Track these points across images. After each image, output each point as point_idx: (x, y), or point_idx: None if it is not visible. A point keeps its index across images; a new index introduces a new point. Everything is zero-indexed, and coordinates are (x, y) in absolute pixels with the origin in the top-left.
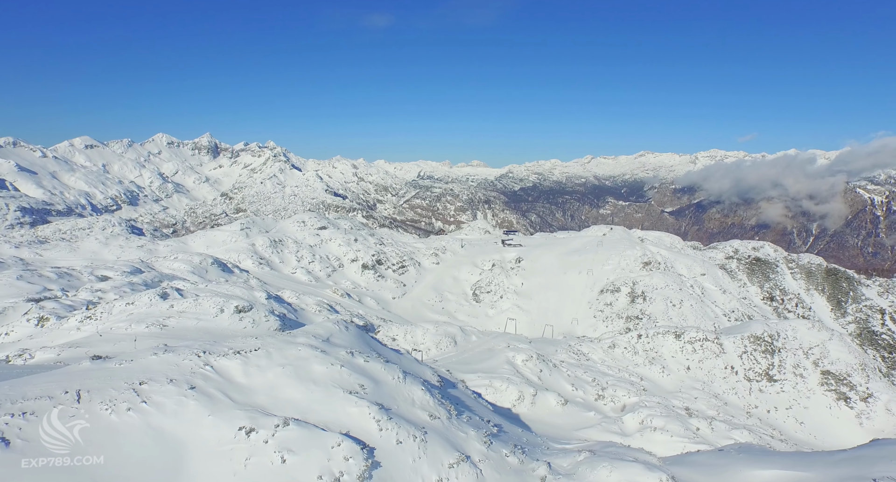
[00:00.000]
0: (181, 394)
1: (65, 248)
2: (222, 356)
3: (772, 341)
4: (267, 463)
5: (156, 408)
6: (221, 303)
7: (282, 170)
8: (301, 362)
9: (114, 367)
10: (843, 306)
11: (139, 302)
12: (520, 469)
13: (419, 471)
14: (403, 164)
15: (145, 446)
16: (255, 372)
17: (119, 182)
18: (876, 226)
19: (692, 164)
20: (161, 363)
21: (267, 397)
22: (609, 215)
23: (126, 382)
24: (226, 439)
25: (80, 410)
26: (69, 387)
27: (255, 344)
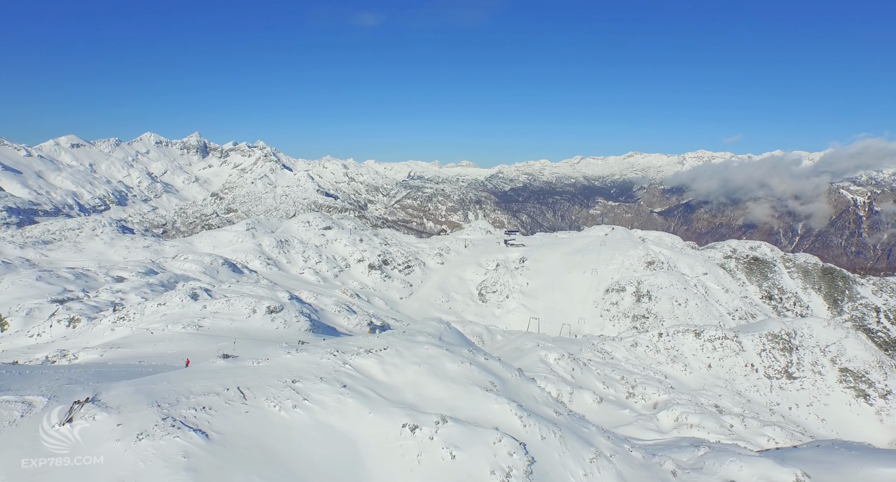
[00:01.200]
0: (337, 393)
1: (70, 249)
2: (356, 355)
3: (789, 339)
4: (438, 459)
5: (319, 405)
6: (253, 304)
7: (272, 170)
8: (433, 361)
9: (256, 366)
10: (840, 305)
11: (171, 303)
12: (645, 463)
13: (566, 465)
14: (393, 165)
15: (320, 442)
16: (392, 370)
17: (107, 182)
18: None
19: (680, 165)
20: (299, 361)
21: (414, 395)
22: (599, 215)
23: (279, 380)
24: (392, 436)
25: (251, 407)
26: (226, 383)
27: (382, 343)
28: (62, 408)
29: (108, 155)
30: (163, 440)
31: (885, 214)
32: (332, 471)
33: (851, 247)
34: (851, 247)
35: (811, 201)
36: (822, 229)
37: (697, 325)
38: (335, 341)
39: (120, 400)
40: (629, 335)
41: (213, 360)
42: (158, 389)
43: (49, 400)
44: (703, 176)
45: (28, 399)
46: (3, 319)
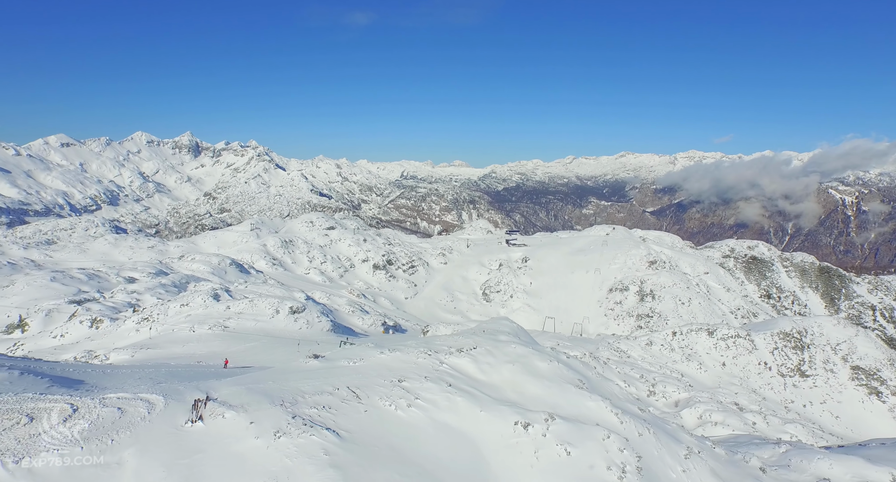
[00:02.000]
0: (445, 392)
1: (74, 250)
2: (449, 354)
3: (800, 337)
4: (554, 455)
5: (431, 404)
6: (276, 305)
7: (266, 169)
8: (524, 359)
9: (353, 365)
10: (837, 303)
11: (193, 303)
12: (729, 459)
13: (664, 461)
14: (386, 164)
15: (441, 441)
16: (488, 369)
17: (98, 181)
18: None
19: (672, 165)
20: (396, 361)
21: (514, 393)
22: (592, 215)
23: (385, 380)
24: (507, 434)
25: (367, 406)
26: (334, 383)
27: (470, 342)
28: (183, 407)
29: (98, 154)
30: (300, 438)
31: (872, 214)
32: (460, 468)
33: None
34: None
35: (801, 201)
36: (811, 228)
37: (710, 324)
38: (423, 341)
39: (238, 399)
40: (643, 334)
41: (305, 360)
42: (269, 389)
43: (165, 398)
44: (695, 176)
45: (145, 397)
46: (24, 320)
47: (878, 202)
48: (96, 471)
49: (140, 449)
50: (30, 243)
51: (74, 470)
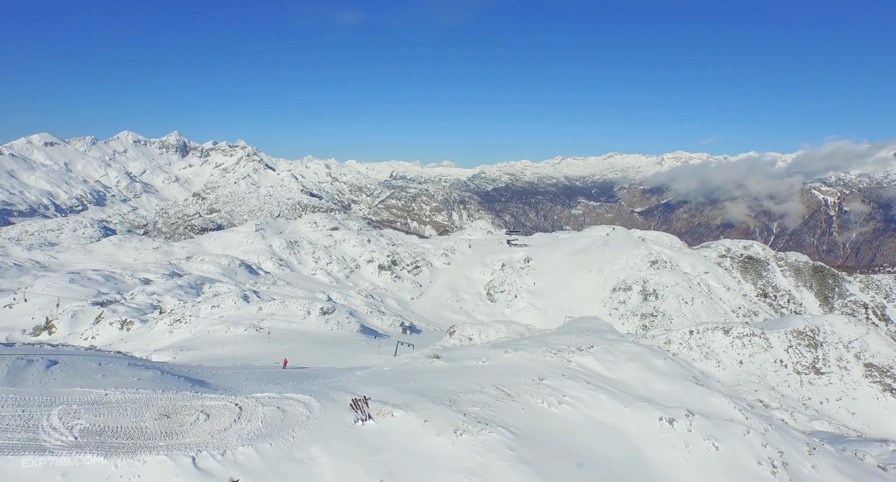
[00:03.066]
0: (586, 389)
1: (79, 251)
2: (572, 353)
3: (813, 336)
4: (704, 450)
5: (578, 401)
6: (307, 306)
7: (255, 169)
8: (642, 357)
9: (483, 365)
10: (831, 302)
11: (224, 304)
12: (842, 456)
13: (793, 456)
14: (375, 164)
15: (598, 435)
16: (612, 367)
17: (84, 181)
18: (830, 225)
19: (659, 166)
20: (525, 361)
21: (644, 389)
22: (581, 215)
23: (525, 378)
24: (654, 428)
25: (519, 403)
26: (479, 382)
27: (585, 341)
28: (336, 406)
29: (83, 154)
30: (481, 435)
31: (854, 214)
32: (623, 461)
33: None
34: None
35: (785, 201)
36: (796, 228)
37: (725, 323)
38: (537, 339)
39: (394, 398)
40: (661, 334)
41: (426, 360)
42: (418, 388)
43: (315, 398)
44: (682, 176)
45: (293, 397)
46: (50, 322)
47: (858, 202)
48: (292, 465)
49: (324, 446)
50: (32, 244)
51: (273, 463)
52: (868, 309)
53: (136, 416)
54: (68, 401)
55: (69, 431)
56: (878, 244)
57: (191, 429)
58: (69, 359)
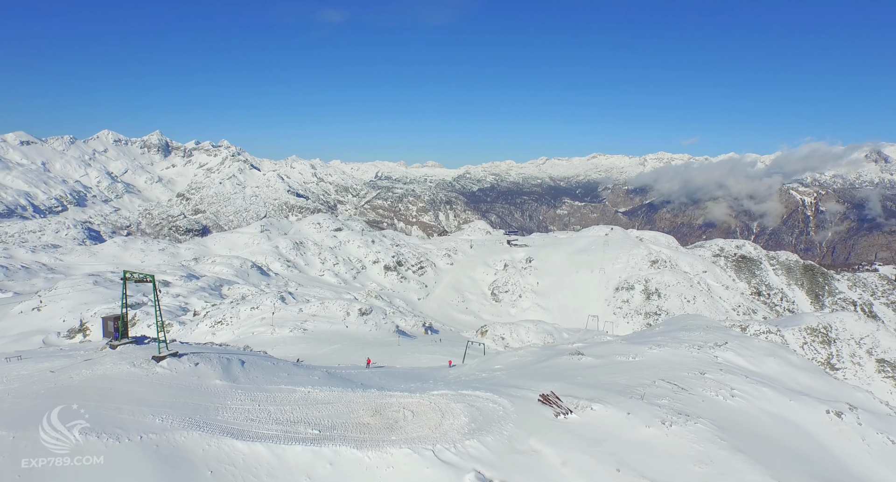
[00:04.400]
0: (749, 383)
1: (84, 253)
2: (712, 348)
3: (826, 333)
4: (881, 443)
5: (746, 394)
6: (346, 307)
7: (241, 170)
8: (778, 351)
9: (634, 361)
10: (821, 299)
11: (263, 306)
12: None
13: None
14: (360, 165)
15: (777, 426)
16: (755, 362)
17: (63, 181)
18: (807, 224)
19: (642, 166)
20: (673, 356)
21: (794, 383)
22: (566, 215)
23: (686, 372)
24: (824, 421)
25: (695, 395)
26: (642, 376)
27: (718, 338)
28: (517, 401)
29: (62, 153)
30: (688, 426)
31: (829, 214)
32: (810, 451)
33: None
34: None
35: (765, 201)
36: (775, 227)
37: (741, 321)
38: (666, 337)
39: (580, 393)
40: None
41: (571, 357)
42: (593, 382)
43: (497, 394)
44: (665, 177)
45: (476, 395)
46: (85, 324)
47: (834, 202)
48: (521, 457)
49: (541, 438)
50: (36, 246)
51: (502, 455)
52: (857, 306)
53: (351, 413)
54: (284, 400)
55: (311, 426)
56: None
57: (407, 425)
58: (250, 359)
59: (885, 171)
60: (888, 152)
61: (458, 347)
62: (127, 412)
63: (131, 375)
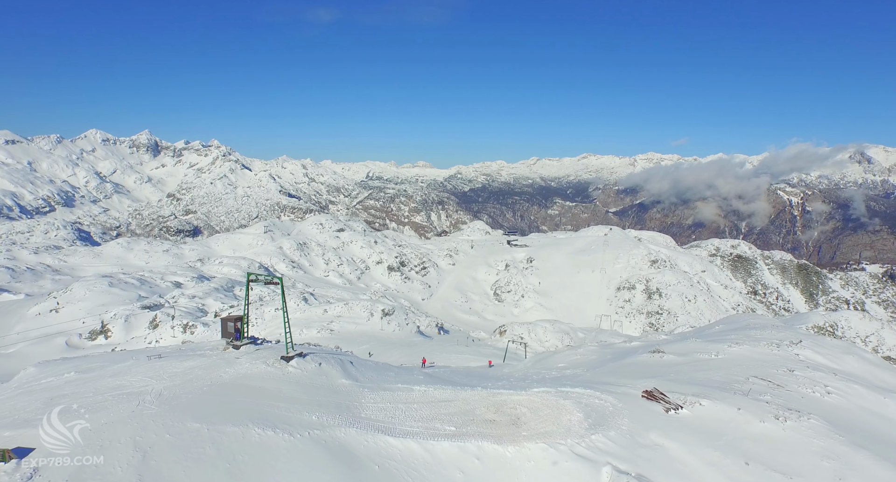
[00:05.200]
0: (839, 380)
1: (88, 254)
2: (789, 346)
3: (833, 331)
4: None
5: (840, 391)
6: (370, 308)
7: (232, 170)
8: (851, 350)
9: (716, 358)
10: (815, 298)
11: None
12: None
13: None
14: (351, 165)
15: (881, 421)
16: (834, 359)
17: (50, 181)
18: (794, 224)
19: (632, 167)
20: (752, 353)
21: (878, 381)
22: (557, 215)
23: (775, 369)
24: None
25: (794, 393)
26: (731, 373)
27: (793, 336)
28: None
29: (49, 153)
30: (802, 422)
31: (815, 214)
32: None
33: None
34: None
35: (753, 201)
36: (763, 227)
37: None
38: (739, 334)
39: (676, 388)
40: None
41: (652, 355)
42: (686, 378)
43: (598, 391)
44: (655, 177)
45: (577, 391)
46: (106, 326)
47: (819, 202)
48: (647, 450)
49: (661, 433)
50: (39, 248)
51: (628, 448)
52: (849, 305)
53: (474, 410)
54: (408, 398)
55: (445, 422)
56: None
57: (530, 421)
58: (354, 359)
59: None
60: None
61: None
62: (284, 409)
63: (270, 374)
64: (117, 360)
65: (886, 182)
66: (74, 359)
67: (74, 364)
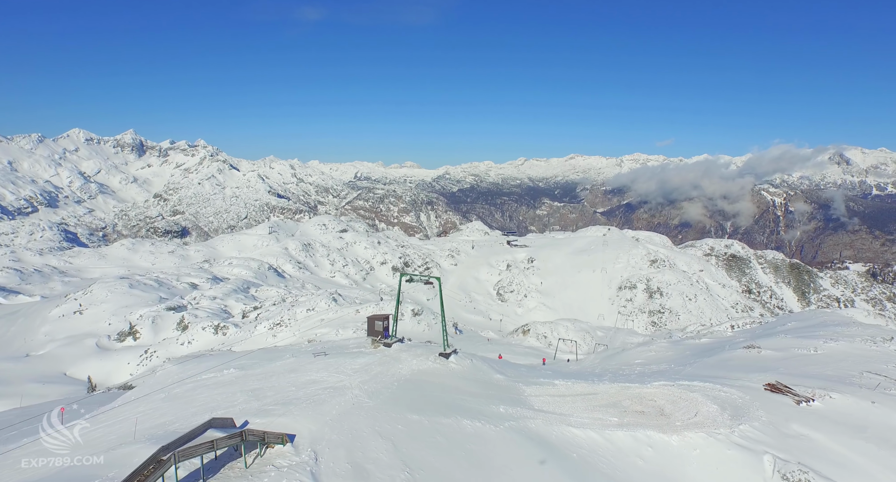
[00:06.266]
0: None
1: (93, 256)
2: (883, 342)
3: None
4: None
5: None
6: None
7: (220, 170)
8: None
9: (813, 354)
10: (807, 296)
11: (318, 307)
12: None
13: None
14: (339, 165)
15: None
16: None
17: (32, 181)
18: (777, 224)
19: (618, 167)
20: (850, 348)
21: None
22: (545, 216)
23: (887, 365)
24: None
25: None
26: (841, 367)
27: (885, 333)
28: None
29: (30, 152)
30: None
31: (798, 213)
32: None
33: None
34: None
35: (738, 201)
36: (747, 227)
37: (760, 317)
38: (828, 330)
39: (802, 382)
40: (705, 329)
41: (748, 350)
42: (799, 372)
43: (718, 385)
44: (642, 177)
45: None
46: (133, 328)
47: (802, 203)
48: (793, 440)
49: (802, 423)
50: (43, 249)
51: (774, 438)
52: (840, 303)
53: (619, 402)
54: (556, 392)
55: (604, 413)
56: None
57: (674, 412)
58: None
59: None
60: (850, 155)
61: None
62: (472, 402)
63: (438, 371)
64: (273, 358)
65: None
66: (195, 358)
67: (208, 362)
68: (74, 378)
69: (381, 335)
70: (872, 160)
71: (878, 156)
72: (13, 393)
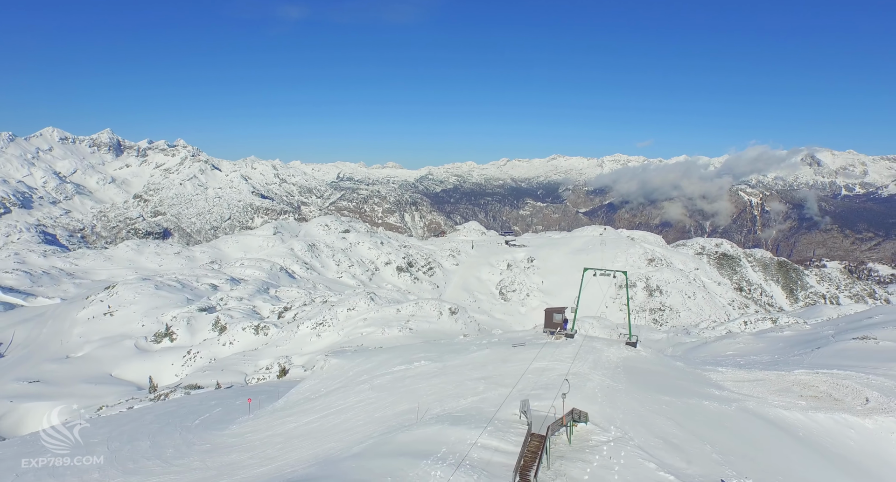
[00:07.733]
0: None
1: (98, 257)
2: None
3: None
4: None
5: None
6: (438, 307)
7: (202, 170)
8: None
9: (879, 345)
10: (795, 294)
11: (359, 307)
12: None
13: None
14: (321, 166)
15: None
16: None
17: (4, 181)
18: (754, 223)
19: (600, 168)
20: None
21: None
22: (528, 216)
23: None
24: None
25: None
26: None
27: None
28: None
29: (1, 151)
30: None
31: (773, 213)
32: None
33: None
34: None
35: (716, 200)
36: (726, 226)
37: (770, 314)
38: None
39: None
40: (720, 326)
41: (863, 341)
42: None
43: (855, 373)
44: (624, 178)
45: (838, 373)
46: (170, 329)
47: (777, 202)
48: None
49: None
50: (47, 251)
51: None
52: (826, 299)
53: (791, 388)
54: (733, 377)
55: (793, 397)
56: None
57: (845, 398)
58: None
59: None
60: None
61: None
62: (687, 385)
63: (636, 358)
64: (457, 351)
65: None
66: (360, 353)
67: (378, 357)
68: (121, 379)
69: (560, 327)
70: (841, 161)
71: (846, 157)
72: (66, 394)
